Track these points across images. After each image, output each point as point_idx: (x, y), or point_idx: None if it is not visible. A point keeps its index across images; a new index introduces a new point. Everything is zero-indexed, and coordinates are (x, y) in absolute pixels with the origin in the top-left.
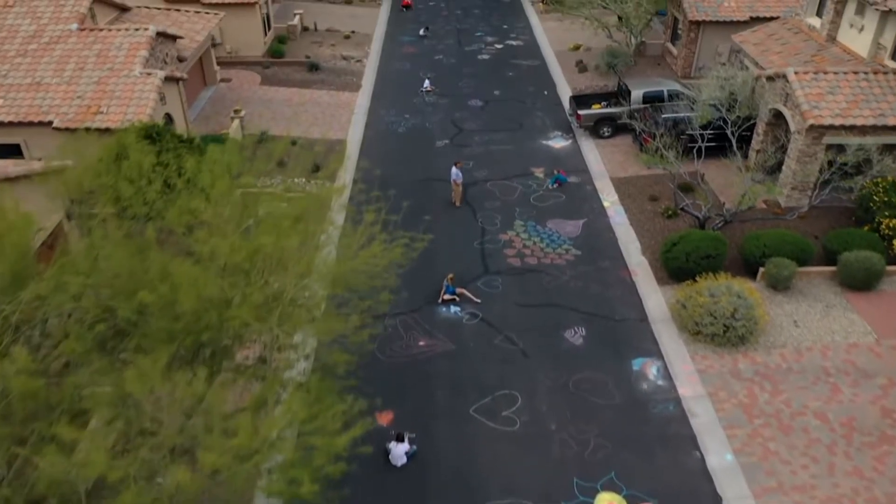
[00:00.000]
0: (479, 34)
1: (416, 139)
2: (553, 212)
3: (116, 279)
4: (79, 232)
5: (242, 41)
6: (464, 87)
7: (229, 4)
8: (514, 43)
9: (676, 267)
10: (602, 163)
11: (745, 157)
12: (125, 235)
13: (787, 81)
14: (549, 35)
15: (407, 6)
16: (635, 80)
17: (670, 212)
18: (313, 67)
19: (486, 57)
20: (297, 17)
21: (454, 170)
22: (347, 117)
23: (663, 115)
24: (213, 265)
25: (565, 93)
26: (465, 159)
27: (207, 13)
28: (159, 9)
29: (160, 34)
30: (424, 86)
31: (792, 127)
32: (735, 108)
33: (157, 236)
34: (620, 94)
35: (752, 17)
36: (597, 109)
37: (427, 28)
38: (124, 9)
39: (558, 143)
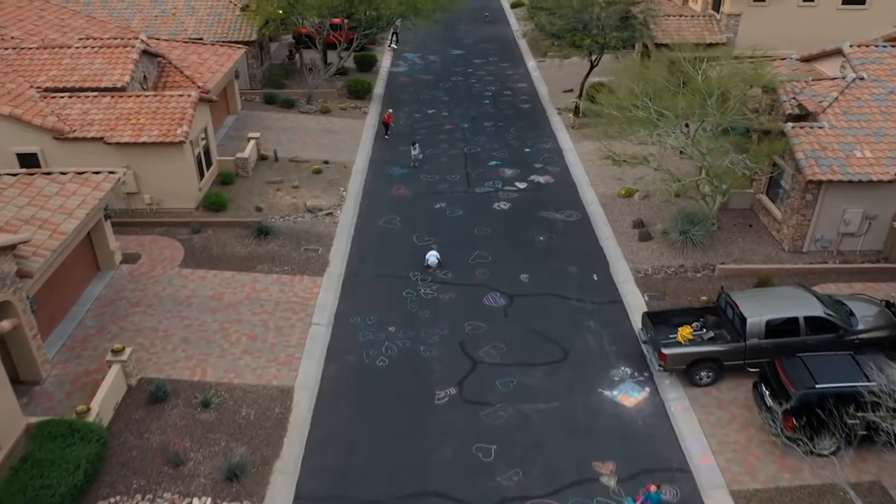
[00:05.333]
0: (493, 163)
1: (405, 386)
2: None
3: None
4: None
5: (167, 190)
6: (476, 267)
7: (147, 145)
8: (541, 179)
9: None
10: (709, 449)
11: None
12: None
13: None
14: (586, 164)
15: (387, 124)
16: (750, 298)
17: None
18: (262, 232)
19: (504, 206)
20: (252, 143)
21: None
22: (301, 335)
23: (818, 386)
24: None
25: (622, 274)
26: (482, 435)
27: (97, 174)
28: (15, 173)
29: None
30: (429, 261)
31: None
32: None
33: None
34: (723, 312)
35: None
36: (688, 342)
37: (415, 144)
38: None
39: (629, 394)
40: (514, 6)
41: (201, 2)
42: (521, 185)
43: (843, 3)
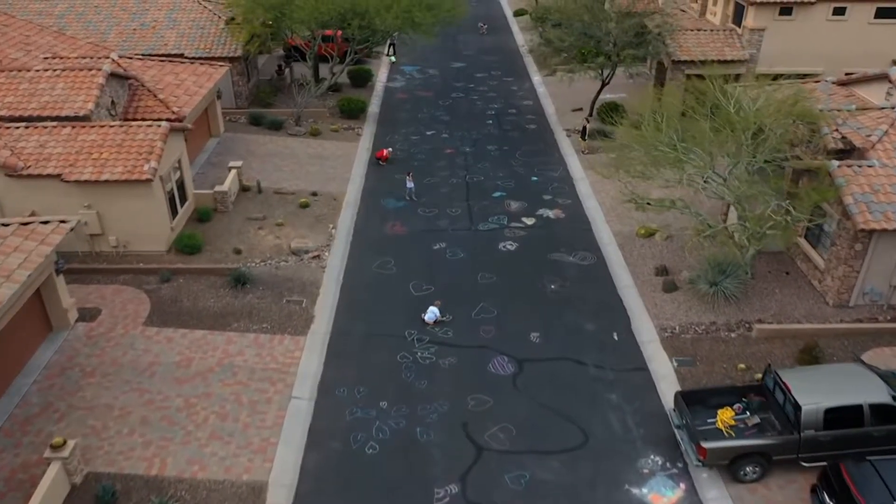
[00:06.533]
0: (497, 194)
1: (398, 482)
2: None
3: None
4: None
5: (134, 231)
6: (480, 323)
7: (110, 183)
8: (550, 214)
9: None
10: None
11: None
12: None
13: None
14: (599, 195)
15: (381, 158)
16: (804, 380)
17: None
18: (240, 281)
19: (511, 247)
20: (233, 173)
21: None
22: (278, 412)
23: None
24: None
25: (645, 333)
26: None
27: (45, 223)
28: None
29: None
30: (427, 318)
31: None
32: None
33: None
34: (771, 394)
35: None
36: (730, 430)
37: (410, 174)
38: None
39: (662, 493)
40: (517, 14)
41: (183, 14)
42: (529, 222)
43: (876, 17)
